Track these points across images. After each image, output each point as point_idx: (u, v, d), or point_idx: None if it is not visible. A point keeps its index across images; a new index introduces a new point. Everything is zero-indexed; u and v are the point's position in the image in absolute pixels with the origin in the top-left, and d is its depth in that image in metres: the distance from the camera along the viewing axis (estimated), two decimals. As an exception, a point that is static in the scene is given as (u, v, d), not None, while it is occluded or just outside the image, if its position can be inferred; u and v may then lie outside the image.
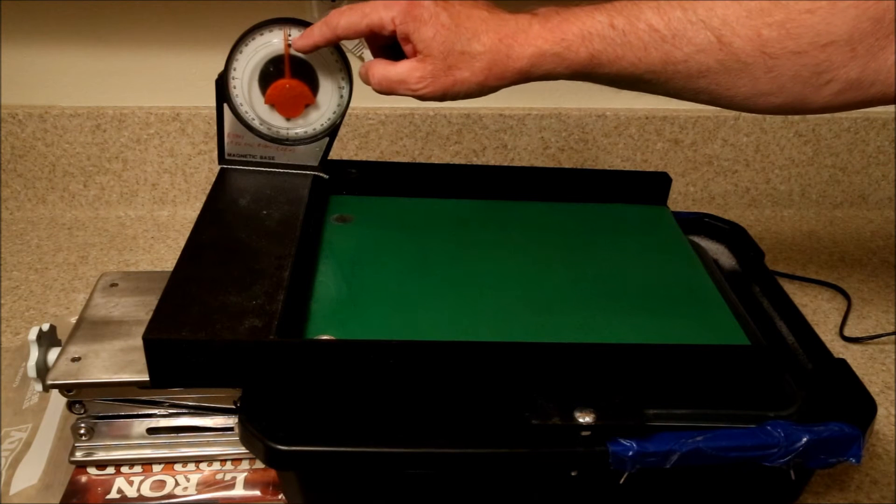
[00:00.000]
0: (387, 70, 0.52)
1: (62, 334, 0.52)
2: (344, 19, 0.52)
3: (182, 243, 0.51)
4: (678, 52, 0.47)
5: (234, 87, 0.57)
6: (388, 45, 0.54)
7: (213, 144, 0.72)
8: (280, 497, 0.49)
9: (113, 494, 0.49)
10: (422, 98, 0.51)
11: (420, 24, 0.49)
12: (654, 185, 0.68)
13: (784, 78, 0.45)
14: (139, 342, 0.42)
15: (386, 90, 0.52)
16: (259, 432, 0.42)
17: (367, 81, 0.54)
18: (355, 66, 0.58)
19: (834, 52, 0.44)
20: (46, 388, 0.48)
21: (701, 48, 0.46)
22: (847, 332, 0.70)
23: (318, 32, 0.53)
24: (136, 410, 0.50)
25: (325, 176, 0.62)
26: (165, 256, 0.79)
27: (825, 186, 0.93)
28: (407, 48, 0.51)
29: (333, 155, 0.62)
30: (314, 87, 0.58)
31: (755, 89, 0.46)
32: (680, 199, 0.92)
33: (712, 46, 0.46)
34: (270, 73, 0.57)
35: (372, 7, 0.51)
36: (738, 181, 0.92)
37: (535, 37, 0.49)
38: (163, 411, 0.50)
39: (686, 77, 0.48)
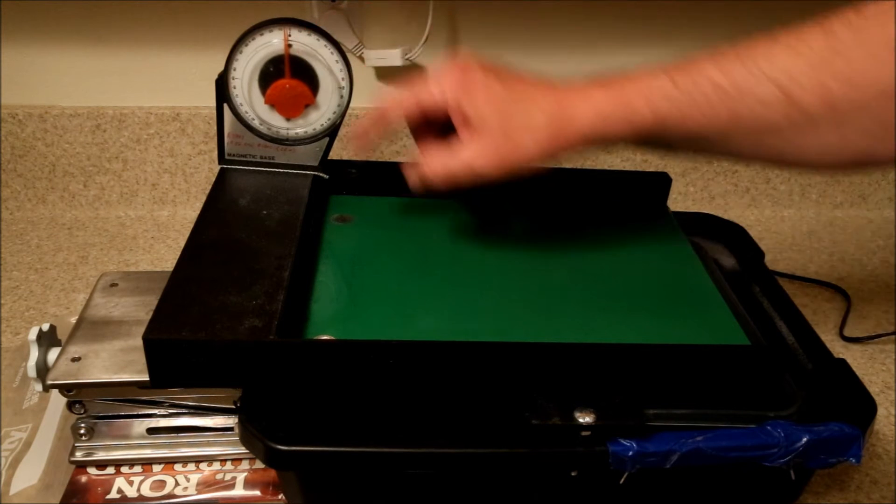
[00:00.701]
0: (445, 160, 0.49)
1: (62, 334, 0.52)
2: (392, 100, 0.51)
3: (182, 243, 0.51)
4: (744, 109, 0.45)
5: (234, 87, 0.57)
6: (437, 133, 0.52)
7: (213, 144, 0.72)
8: (280, 497, 0.49)
9: (113, 494, 0.49)
10: (488, 179, 0.48)
11: (473, 94, 0.48)
12: (654, 185, 0.68)
13: (852, 131, 0.43)
14: (139, 342, 0.42)
15: (446, 180, 0.49)
16: (259, 432, 0.42)
17: (423, 179, 0.51)
18: (355, 65, 0.58)
19: None
20: (46, 388, 0.48)
21: (767, 103, 0.44)
22: (847, 332, 0.70)
23: (369, 122, 0.53)
24: (136, 410, 0.50)
25: (325, 176, 0.62)
26: (165, 256, 0.79)
27: (825, 186, 0.93)
28: (458, 120, 0.49)
29: (333, 155, 0.62)
30: (314, 87, 0.58)
31: (823, 145, 0.44)
32: (680, 199, 0.92)
33: (778, 100, 0.44)
34: (270, 73, 0.57)
35: (419, 82, 0.50)
36: (738, 181, 0.92)
37: (596, 100, 0.47)
38: (163, 411, 0.50)
39: (754, 134, 0.45)
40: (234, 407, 0.49)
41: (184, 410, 0.50)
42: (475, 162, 0.48)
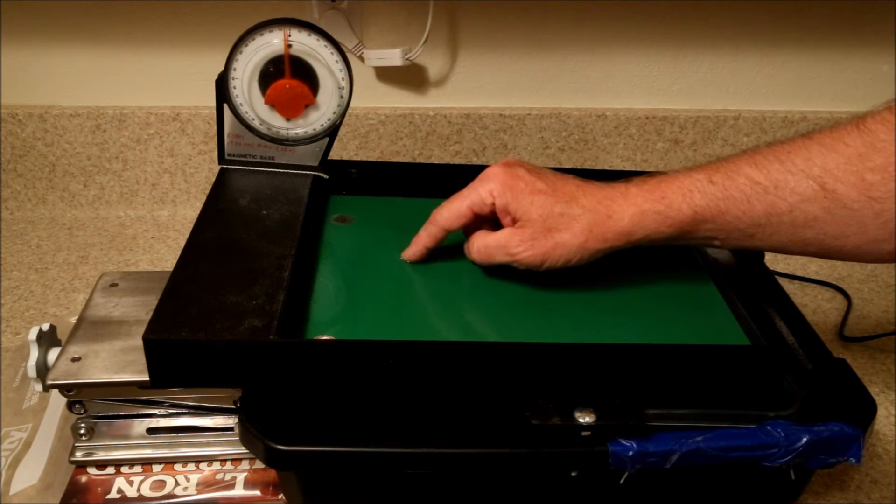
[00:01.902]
0: (486, 238, 0.52)
1: (62, 334, 0.52)
2: (445, 211, 0.53)
3: (182, 243, 0.51)
4: (782, 203, 0.45)
5: (234, 87, 0.57)
6: (486, 223, 0.54)
7: (213, 144, 0.72)
8: (280, 497, 0.49)
9: (113, 494, 0.49)
10: (521, 263, 0.51)
11: (518, 192, 0.50)
12: (654, 185, 0.67)
13: (892, 221, 0.44)
14: (139, 342, 0.42)
15: (485, 257, 0.53)
16: (259, 432, 0.42)
17: (469, 255, 0.55)
18: (355, 65, 0.58)
19: None
20: (46, 388, 0.48)
21: (805, 197, 0.45)
22: (847, 332, 0.70)
23: (426, 235, 0.55)
24: (136, 410, 0.50)
25: (325, 176, 0.62)
26: (165, 256, 0.79)
27: (825, 186, 0.93)
28: (506, 220, 0.52)
29: (333, 155, 0.62)
30: (314, 87, 0.58)
31: (865, 236, 0.45)
32: (680, 199, 0.92)
33: (816, 194, 0.44)
34: (270, 73, 0.57)
35: (470, 188, 0.52)
36: (738, 181, 0.92)
37: (634, 196, 0.49)
38: (163, 411, 0.50)
39: (792, 228, 0.46)
40: (234, 407, 0.49)
41: (184, 410, 0.50)
42: (512, 244, 0.51)
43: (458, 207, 0.52)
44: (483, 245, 0.53)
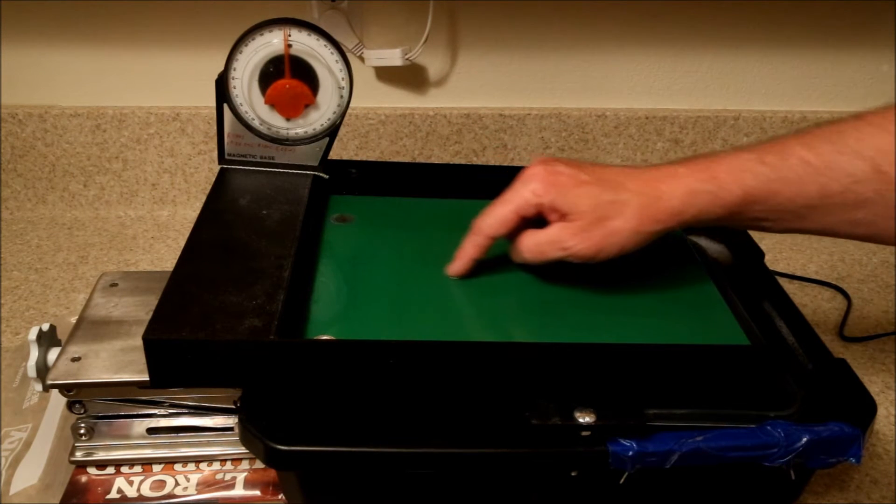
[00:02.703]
0: (536, 236, 0.51)
1: (62, 334, 0.52)
2: (490, 218, 0.52)
3: (182, 243, 0.51)
4: (834, 184, 0.45)
5: (234, 87, 0.57)
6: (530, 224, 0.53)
7: (213, 144, 0.72)
8: (280, 497, 0.49)
9: (113, 494, 0.49)
10: (577, 257, 0.49)
11: (562, 187, 0.49)
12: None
13: None
14: (139, 342, 0.42)
15: (537, 255, 0.51)
16: (259, 432, 0.42)
17: (519, 256, 0.53)
18: (355, 65, 0.58)
19: None
20: (46, 388, 0.48)
21: (857, 178, 0.45)
22: (847, 332, 0.70)
23: (471, 245, 0.53)
24: (136, 410, 0.50)
25: (325, 176, 0.61)
26: (165, 256, 0.79)
27: (825, 186, 0.93)
28: (553, 217, 0.50)
29: (333, 155, 0.62)
30: (314, 87, 0.58)
31: None
32: (680, 199, 0.92)
33: (868, 176, 0.44)
34: (270, 73, 0.57)
35: (512, 192, 0.51)
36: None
37: (683, 176, 0.48)
38: (163, 411, 0.50)
39: (844, 209, 0.46)
40: (234, 407, 0.49)
41: (184, 410, 0.50)
42: (565, 239, 0.49)
43: (503, 213, 0.51)
44: (534, 243, 0.51)
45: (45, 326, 0.50)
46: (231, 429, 0.50)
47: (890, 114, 0.45)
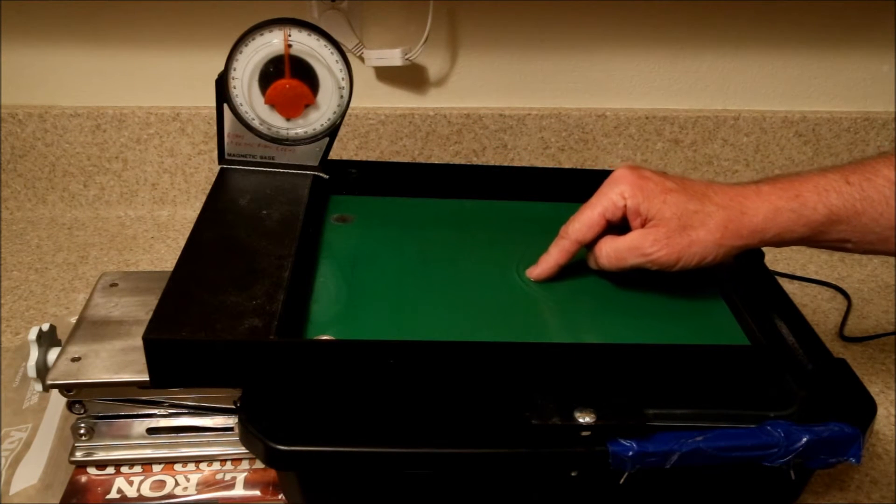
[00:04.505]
0: (615, 242, 0.51)
1: (62, 334, 0.52)
2: (577, 223, 0.52)
3: (182, 243, 0.51)
4: None
5: (234, 87, 0.57)
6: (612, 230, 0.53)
7: (213, 144, 0.72)
8: (280, 497, 0.49)
9: (113, 494, 0.49)
10: (656, 264, 0.50)
11: (649, 192, 0.49)
12: (654, 185, 0.67)
13: None
14: (139, 342, 0.42)
15: (616, 262, 0.51)
16: (259, 432, 0.42)
17: (596, 262, 0.53)
18: (355, 65, 0.58)
19: None
20: (46, 388, 0.48)
21: None
22: (847, 332, 0.70)
23: (558, 250, 0.53)
24: (136, 410, 0.50)
25: (325, 176, 0.62)
26: (165, 256, 0.79)
27: (825, 186, 0.93)
28: (636, 222, 0.50)
29: (333, 155, 0.62)
30: (314, 87, 0.58)
31: None
32: (680, 199, 0.92)
33: None
34: (270, 73, 0.57)
35: (598, 195, 0.51)
36: (738, 181, 0.92)
37: (767, 194, 0.48)
38: (163, 411, 0.50)
39: None
40: (234, 407, 0.49)
41: (184, 410, 0.50)
42: (645, 244, 0.49)
43: (591, 217, 0.51)
44: (613, 249, 0.51)
45: (45, 326, 0.50)
46: (231, 429, 0.50)
47: None
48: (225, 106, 0.58)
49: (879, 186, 0.46)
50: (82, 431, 0.49)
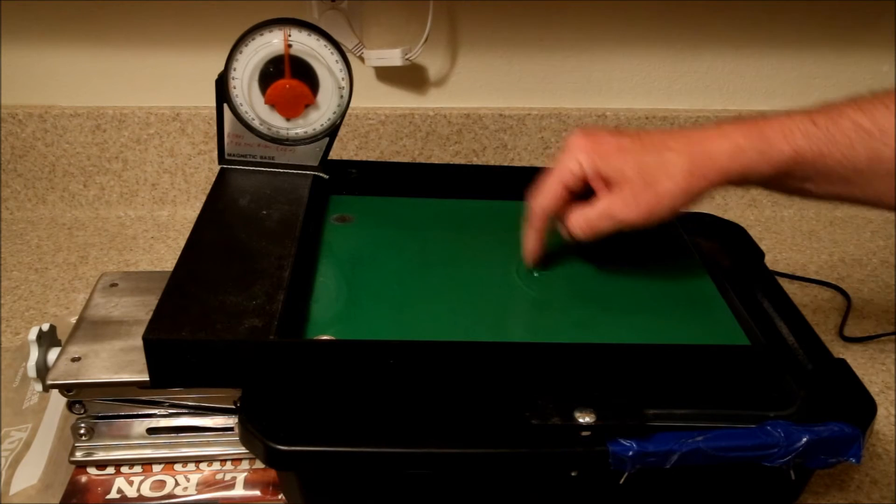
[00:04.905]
0: (585, 212, 0.50)
1: (62, 334, 0.52)
2: (539, 196, 0.52)
3: (182, 243, 0.51)
4: (886, 150, 0.44)
5: (234, 87, 0.57)
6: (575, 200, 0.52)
7: (213, 144, 0.72)
8: (280, 497, 0.49)
9: (113, 494, 0.49)
10: (629, 225, 0.49)
11: (605, 155, 0.49)
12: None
13: None
14: (139, 342, 0.42)
15: (589, 231, 0.50)
16: (259, 432, 0.42)
17: (569, 233, 0.52)
18: (355, 65, 0.58)
19: None
20: (46, 388, 0.48)
21: None
22: (847, 332, 0.70)
23: (531, 231, 0.53)
24: (136, 410, 0.50)
25: (325, 176, 0.61)
26: (165, 256, 0.79)
27: (825, 186, 0.93)
28: (599, 185, 0.50)
29: (333, 155, 0.62)
30: (314, 87, 0.58)
31: None
32: (680, 199, 0.92)
33: None
34: (270, 73, 0.57)
35: (556, 167, 0.51)
36: (738, 181, 0.92)
37: (731, 133, 0.47)
38: (163, 411, 0.50)
39: (893, 175, 0.45)
40: (234, 407, 0.49)
41: (184, 410, 0.50)
42: (614, 209, 0.49)
43: (552, 188, 0.51)
44: (584, 219, 0.50)
45: (45, 326, 0.50)
46: (231, 429, 0.50)
47: None
48: (225, 106, 0.58)
49: (845, 128, 0.45)
50: (82, 431, 0.49)
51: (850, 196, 0.48)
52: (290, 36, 0.56)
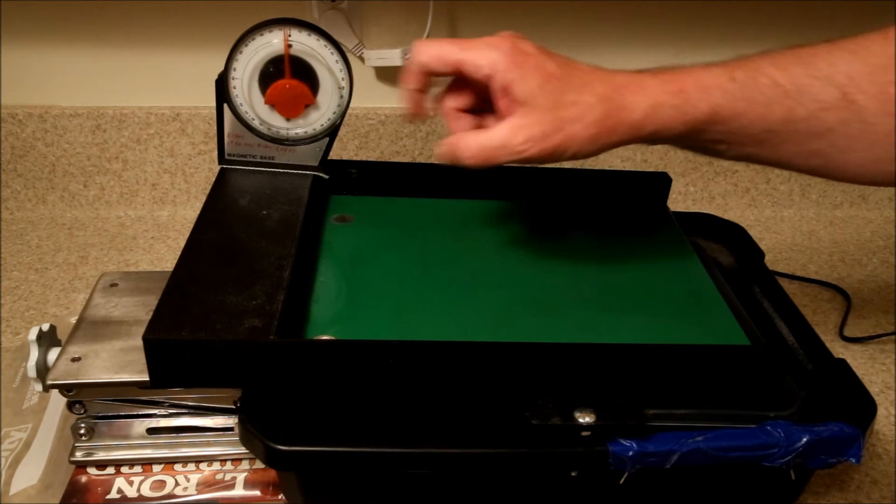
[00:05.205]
0: (480, 138, 0.46)
1: (62, 334, 0.52)
2: (431, 48, 0.46)
3: (182, 243, 0.51)
4: (801, 110, 0.43)
5: (234, 87, 0.57)
6: (467, 105, 0.49)
7: (213, 144, 0.72)
8: (280, 497, 0.49)
9: (113, 494, 0.49)
10: (528, 161, 0.45)
11: (526, 72, 0.44)
12: (653, 186, 0.68)
13: None
14: (139, 342, 0.42)
15: (483, 161, 0.46)
16: (259, 432, 0.42)
17: (455, 158, 0.47)
18: (355, 65, 0.58)
19: None
20: (46, 388, 0.48)
21: (825, 105, 0.43)
22: (847, 332, 0.70)
23: (407, 91, 0.48)
24: (136, 410, 0.50)
25: (325, 176, 0.61)
26: (165, 256, 0.79)
27: (825, 186, 0.93)
28: (502, 102, 0.45)
29: (333, 155, 0.62)
30: (314, 87, 0.58)
31: (871, 154, 0.43)
32: (680, 199, 0.92)
33: (836, 103, 0.42)
34: (270, 73, 0.57)
35: (468, 45, 0.45)
36: (738, 181, 0.92)
37: (650, 87, 0.45)
38: (163, 411, 0.50)
39: (805, 137, 0.44)
40: (234, 407, 0.49)
41: (184, 410, 0.50)
42: (516, 141, 0.45)
43: (449, 53, 0.45)
44: (479, 147, 0.46)
45: (45, 326, 0.50)
46: (231, 429, 0.50)
47: (866, 41, 0.43)
48: (225, 106, 0.58)
49: (762, 86, 0.44)
50: (82, 431, 0.49)
51: (759, 157, 0.46)
52: (290, 36, 0.56)
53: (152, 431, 0.50)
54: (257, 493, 0.50)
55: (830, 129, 0.43)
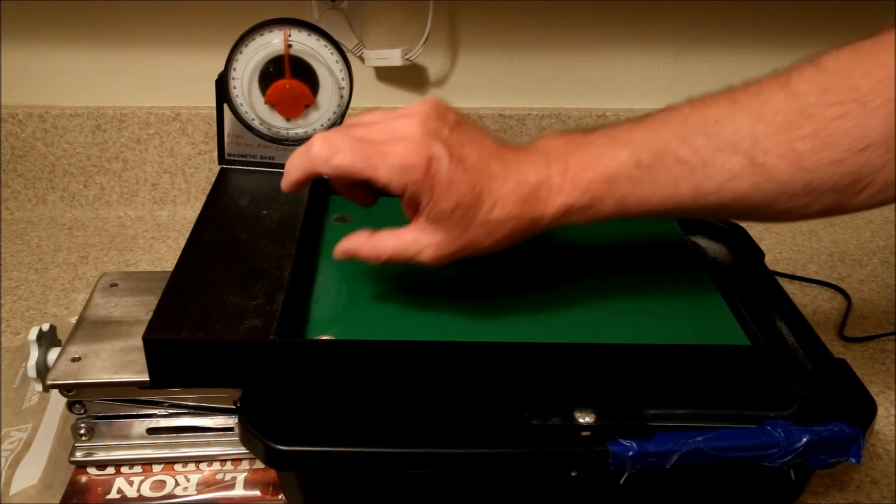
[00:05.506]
0: (382, 242, 0.46)
1: (62, 334, 0.52)
2: (345, 159, 0.43)
3: (182, 243, 0.51)
4: (709, 183, 0.43)
5: (234, 87, 0.57)
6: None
7: (213, 144, 0.72)
8: (280, 497, 0.49)
9: (113, 494, 0.49)
10: (425, 265, 0.46)
11: (437, 194, 0.43)
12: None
13: (822, 189, 0.42)
14: (139, 342, 0.42)
15: (382, 262, 0.47)
16: (259, 432, 0.42)
17: (350, 252, 0.47)
18: (355, 65, 0.58)
19: (871, 155, 0.40)
20: (46, 388, 0.48)
21: (734, 174, 0.42)
22: (847, 332, 0.70)
23: (297, 165, 0.46)
24: (136, 410, 0.50)
25: (326, 176, 0.61)
26: (165, 256, 0.79)
27: (825, 186, 0.93)
28: (410, 211, 0.46)
29: (333, 155, 0.62)
30: (314, 87, 0.58)
31: (791, 204, 0.43)
32: (680, 199, 0.92)
33: (745, 170, 0.42)
34: (270, 73, 0.57)
35: (380, 155, 0.43)
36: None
37: (557, 192, 0.44)
38: (163, 411, 0.50)
39: (718, 207, 0.44)
40: (234, 407, 0.49)
41: (184, 410, 0.50)
42: (422, 253, 0.45)
43: (359, 171, 0.43)
44: (396, 252, 0.46)
45: (45, 326, 0.50)
46: (231, 429, 0.50)
47: (766, 97, 0.43)
48: (225, 106, 0.58)
49: (669, 167, 0.43)
50: (82, 431, 0.49)
51: (667, 217, 0.47)
52: (290, 36, 0.56)
53: (152, 431, 0.50)
54: (257, 493, 0.50)
55: (744, 195, 0.43)
